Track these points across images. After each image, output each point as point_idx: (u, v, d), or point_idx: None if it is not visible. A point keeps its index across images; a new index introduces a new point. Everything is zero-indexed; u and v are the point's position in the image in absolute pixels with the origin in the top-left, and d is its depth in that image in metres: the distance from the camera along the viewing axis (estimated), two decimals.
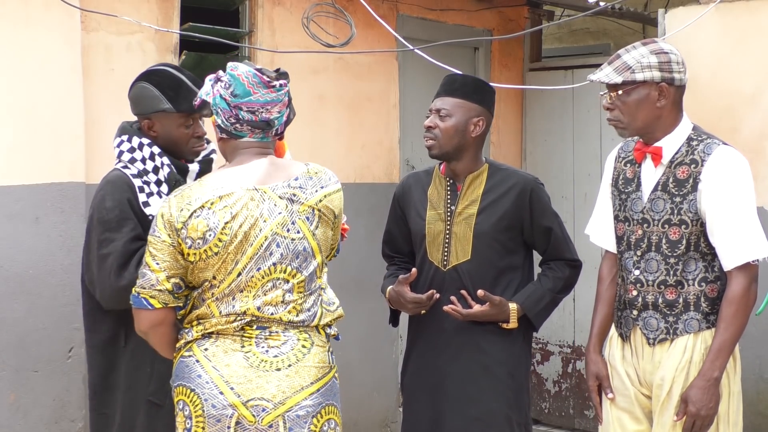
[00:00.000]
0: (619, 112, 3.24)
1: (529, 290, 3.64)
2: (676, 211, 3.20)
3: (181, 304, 2.82)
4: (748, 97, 4.80)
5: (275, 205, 2.74)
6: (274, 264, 2.73)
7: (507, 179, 3.65)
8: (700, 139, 3.23)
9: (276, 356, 2.71)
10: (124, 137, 3.33)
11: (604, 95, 3.30)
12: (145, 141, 3.31)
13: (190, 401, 2.74)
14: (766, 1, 4.79)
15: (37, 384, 4.14)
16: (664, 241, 3.21)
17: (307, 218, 2.75)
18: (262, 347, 2.72)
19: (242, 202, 2.74)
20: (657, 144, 3.24)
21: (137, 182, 3.24)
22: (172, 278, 2.76)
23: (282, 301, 2.73)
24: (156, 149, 3.30)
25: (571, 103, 6.23)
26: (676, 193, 3.20)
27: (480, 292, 3.54)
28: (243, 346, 2.73)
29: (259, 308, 2.73)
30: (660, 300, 3.22)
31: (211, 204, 2.73)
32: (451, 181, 3.68)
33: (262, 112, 2.79)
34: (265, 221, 2.73)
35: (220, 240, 2.72)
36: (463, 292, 3.58)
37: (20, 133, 4.09)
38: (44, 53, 4.15)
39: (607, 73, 3.23)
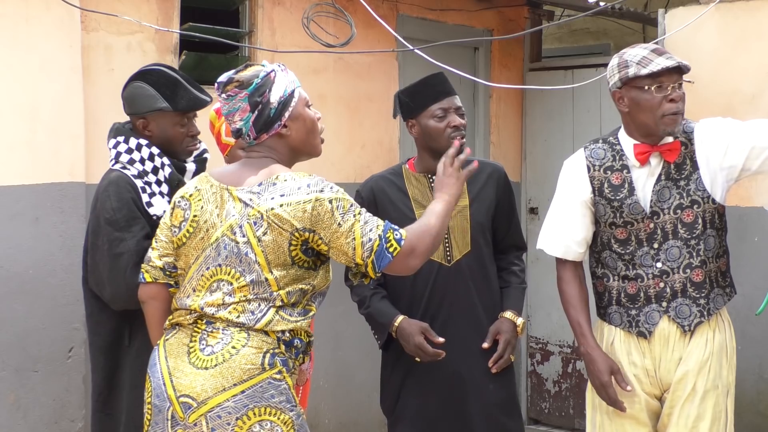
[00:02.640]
0: (683, 103, 3.24)
1: (512, 294, 3.72)
2: (684, 194, 3.23)
3: (172, 282, 2.93)
4: (748, 97, 4.80)
5: (234, 207, 2.78)
6: (220, 265, 2.77)
7: (483, 169, 3.70)
8: None
9: (209, 355, 2.72)
10: (120, 138, 3.32)
11: (660, 87, 3.19)
12: (143, 142, 3.30)
13: (147, 388, 2.84)
14: (766, 1, 4.79)
15: (37, 384, 4.14)
16: (679, 226, 3.24)
17: (254, 223, 2.73)
18: (203, 344, 2.75)
19: (213, 199, 2.81)
20: (671, 140, 3.26)
21: (138, 183, 3.24)
22: (164, 257, 2.91)
23: (222, 303, 2.75)
24: (155, 150, 3.30)
25: (571, 103, 6.23)
26: (679, 177, 3.24)
27: (485, 345, 3.60)
28: (190, 341, 2.78)
29: (202, 308, 2.76)
30: (688, 284, 3.25)
31: (190, 196, 2.86)
32: (432, 177, 3.65)
33: (230, 122, 2.86)
34: (222, 222, 2.78)
35: (188, 231, 2.83)
36: (490, 364, 3.61)
37: (20, 133, 4.09)
38: (44, 53, 4.15)
39: (679, 60, 3.22)
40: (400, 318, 3.61)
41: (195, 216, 2.82)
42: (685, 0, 5.25)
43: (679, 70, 3.22)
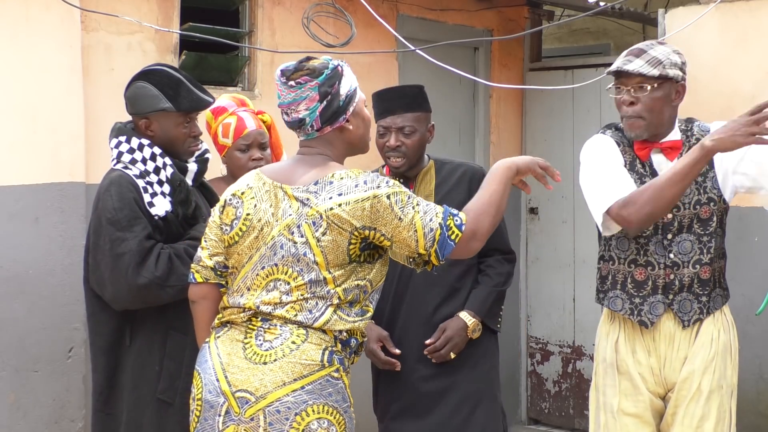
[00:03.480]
0: (643, 107, 3.20)
1: (476, 295, 3.73)
2: (702, 191, 3.25)
3: (223, 282, 2.91)
4: (748, 97, 4.80)
5: (290, 206, 2.75)
6: (276, 264, 2.74)
7: (455, 170, 3.78)
8: (688, 124, 3.33)
9: (267, 350, 2.71)
10: (122, 138, 3.32)
11: (619, 89, 3.23)
12: (145, 141, 3.30)
13: (196, 385, 2.81)
14: (766, 1, 4.79)
15: (37, 384, 4.14)
16: (695, 221, 3.26)
17: (314, 223, 2.71)
18: (259, 339, 2.73)
19: (266, 197, 2.79)
20: (671, 138, 3.28)
21: (140, 183, 3.24)
22: (214, 257, 2.89)
23: (279, 302, 2.73)
24: (157, 149, 3.30)
25: (571, 103, 6.23)
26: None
27: (428, 341, 3.64)
28: (245, 337, 2.76)
29: (258, 306, 2.74)
30: (695, 280, 3.26)
31: (242, 194, 2.83)
32: (402, 180, 3.75)
33: (291, 112, 2.82)
34: (277, 221, 2.76)
35: (240, 229, 2.80)
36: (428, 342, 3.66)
37: (20, 133, 4.09)
38: (44, 53, 4.15)
39: (641, 65, 3.18)
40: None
41: (248, 214, 2.79)
42: (685, 0, 5.25)
43: (637, 74, 3.16)
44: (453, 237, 2.72)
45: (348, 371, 2.80)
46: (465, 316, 3.68)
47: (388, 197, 2.71)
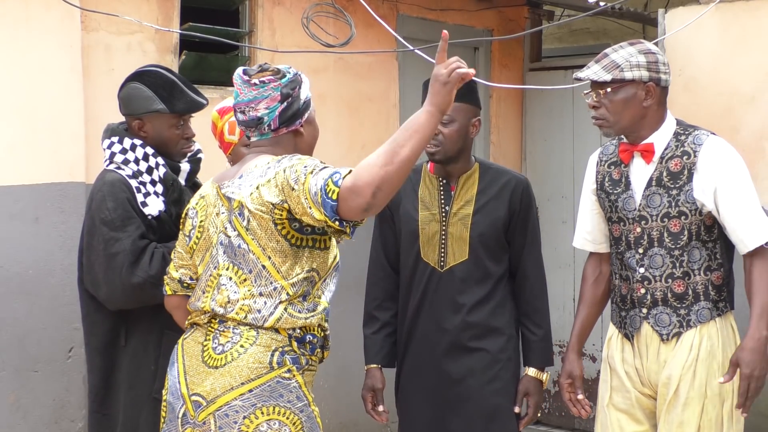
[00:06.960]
0: (605, 110, 3.24)
1: (534, 348, 3.70)
2: (674, 204, 3.22)
3: (190, 293, 2.94)
4: (748, 97, 4.80)
5: (222, 204, 2.81)
6: (221, 262, 2.78)
7: (499, 178, 3.66)
8: (687, 132, 3.26)
9: (220, 353, 2.73)
10: (114, 138, 3.33)
11: (588, 94, 3.29)
12: (137, 142, 3.31)
13: (165, 387, 2.86)
14: (766, 1, 4.79)
15: (37, 384, 4.15)
16: (665, 234, 3.23)
17: (240, 214, 2.74)
18: (215, 342, 2.76)
19: (213, 201, 2.84)
20: (647, 141, 3.26)
21: (133, 183, 3.25)
22: (180, 269, 2.94)
23: (228, 302, 2.75)
24: (149, 149, 3.31)
25: (571, 103, 6.23)
26: (672, 185, 3.23)
27: (517, 410, 3.64)
28: (205, 340, 2.79)
29: (213, 308, 2.78)
30: (669, 294, 3.24)
31: (196, 204, 2.89)
32: (444, 181, 3.66)
33: (249, 110, 2.82)
34: (217, 216, 2.81)
35: (197, 237, 2.86)
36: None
37: (20, 133, 4.10)
38: (44, 53, 4.15)
39: (595, 71, 3.23)
40: (373, 366, 3.75)
41: (202, 221, 2.85)
42: (685, 0, 5.25)
43: (590, 80, 3.24)
44: (330, 194, 2.55)
45: (308, 369, 2.79)
46: (536, 373, 3.66)
47: (285, 171, 2.66)
